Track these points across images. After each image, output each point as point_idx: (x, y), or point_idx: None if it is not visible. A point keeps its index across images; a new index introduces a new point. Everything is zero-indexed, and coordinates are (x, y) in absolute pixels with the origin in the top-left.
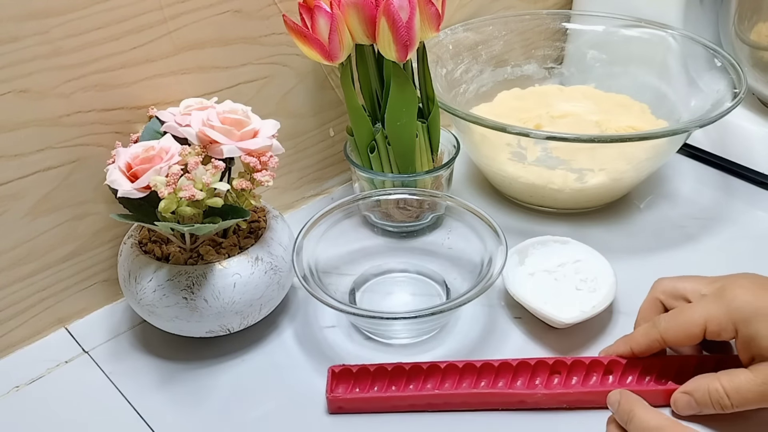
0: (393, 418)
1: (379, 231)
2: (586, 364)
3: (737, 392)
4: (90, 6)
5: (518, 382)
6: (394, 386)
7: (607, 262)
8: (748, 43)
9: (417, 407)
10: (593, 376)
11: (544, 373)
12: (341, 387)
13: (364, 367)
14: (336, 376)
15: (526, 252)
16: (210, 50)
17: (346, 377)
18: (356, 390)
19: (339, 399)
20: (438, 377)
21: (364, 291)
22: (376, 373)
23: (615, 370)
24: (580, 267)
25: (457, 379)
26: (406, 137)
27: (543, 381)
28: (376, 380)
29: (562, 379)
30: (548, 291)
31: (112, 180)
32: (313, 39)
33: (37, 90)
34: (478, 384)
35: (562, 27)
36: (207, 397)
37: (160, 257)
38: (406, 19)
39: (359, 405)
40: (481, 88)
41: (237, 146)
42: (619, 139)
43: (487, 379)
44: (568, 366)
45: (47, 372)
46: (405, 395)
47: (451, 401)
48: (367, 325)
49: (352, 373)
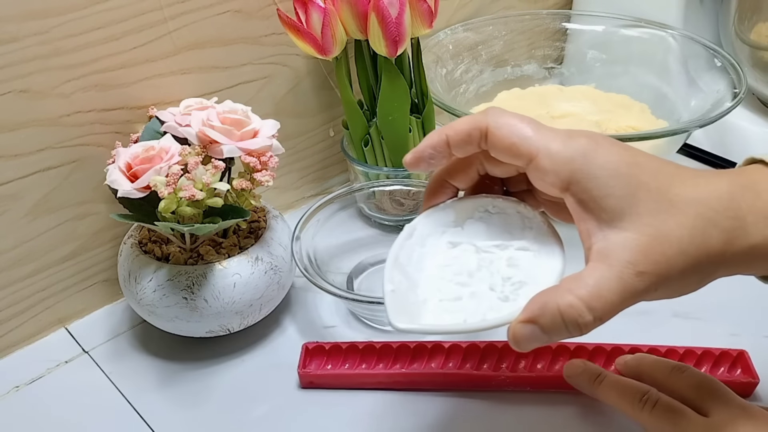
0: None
1: (375, 223)
2: (552, 348)
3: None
4: (90, 6)
5: (485, 364)
6: (364, 364)
7: (558, 269)
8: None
9: (384, 385)
10: (559, 360)
11: (510, 356)
12: (314, 363)
13: (337, 345)
14: (309, 352)
15: (473, 212)
16: (210, 50)
17: (319, 354)
18: (328, 366)
19: (310, 375)
20: (407, 357)
21: (362, 280)
22: (347, 350)
23: (580, 355)
24: (520, 259)
25: (425, 359)
26: (398, 132)
27: (509, 364)
28: (348, 357)
29: (527, 363)
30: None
31: (112, 180)
32: (306, 33)
33: (37, 90)
34: (446, 365)
35: (562, 27)
36: (207, 397)
37: (160, 257)
38: (395, 15)
39: (329, 381)
40: (481, 88)
41: (237, 146)
42: (619, 139)
43: (455, 361)
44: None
45: (47, 372)
46: (374, 373)
47: (417, 380)
48: (365, 312)
49: (325, 350)
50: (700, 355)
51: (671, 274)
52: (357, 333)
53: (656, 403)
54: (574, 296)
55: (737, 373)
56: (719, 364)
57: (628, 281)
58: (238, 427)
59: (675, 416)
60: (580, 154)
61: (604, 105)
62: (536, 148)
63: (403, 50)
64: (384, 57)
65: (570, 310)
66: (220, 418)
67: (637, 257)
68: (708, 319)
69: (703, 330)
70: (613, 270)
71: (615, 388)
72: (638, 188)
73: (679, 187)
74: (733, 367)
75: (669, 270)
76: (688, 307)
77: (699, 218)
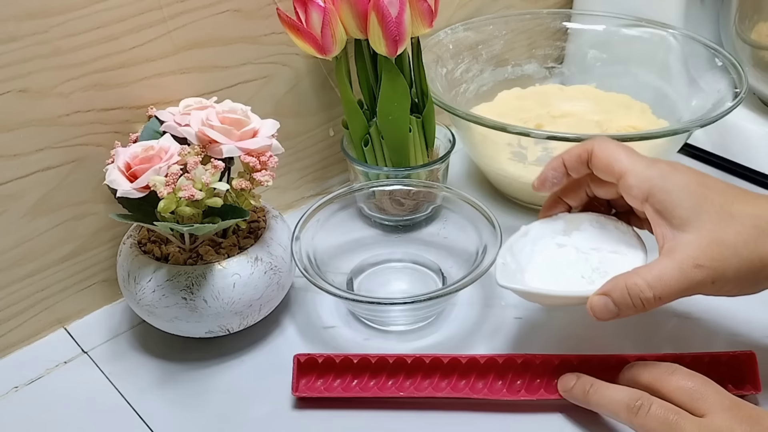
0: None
1: (375, 223)
2: (555, 364)
3: (660, 280)
4: (89, 5)
5: (479, 384)
6: (356, 380)
7: (640, 258)
8: (749, 43)
9: (379, 403)
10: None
11: (507, 374)
12: (306, 380)
13: (330, 358)
14: (301, 366)
15: (579, 225)
16: (210, 50)
17: (310, 369)
18: (319, 383)
19: (303, 399)
20: (402, 373)
21: (362, 280)
22: (341, 365)
23: (583, 370)
24: (609, 259)
25: (422, 375)
26: (398, 131)
27: (504, 384)
28: (341, 374)
29: (525, 381)
30: (553, 263)
31: (112, 180)
32: (306, 33)
33: (36, 90)
34: (440, 384)
35: (563, 26)
36: (206, 397)
37: (160, 257)
38: (395, 15)
39: (323, 403)
40: (482, 87)
41: (236, 146)
42: (620, 139)
43: (453, 378)
44: (537, 364)
45: (46, 372)
46: (368, 395)
47: (413, 398)
48: (365, 312)
49: (318, 363)
50: (708, 362)
51: (726, 272)
52: (357, 333)
53: (650, 408)
54: (640, 277)
55: (744, 387)
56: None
57: (687, 271)
58: (237, 427)
59: (669, 419)
60: (659, 174)
61: (604, 105)
62: (626, 168)
63: (403, 50)
64: (384, 56)
65: (635, 287)
66: (219, 418)
67: (696, 253)
68: (708, 319)
69: (704, 331)
70: (675, 262)
71: (607, 396)
72: (704, 202)
73: (740, 205)
74: (739, 378)
75: (724, 267)
76: (688, 306)
77: (754, 228)
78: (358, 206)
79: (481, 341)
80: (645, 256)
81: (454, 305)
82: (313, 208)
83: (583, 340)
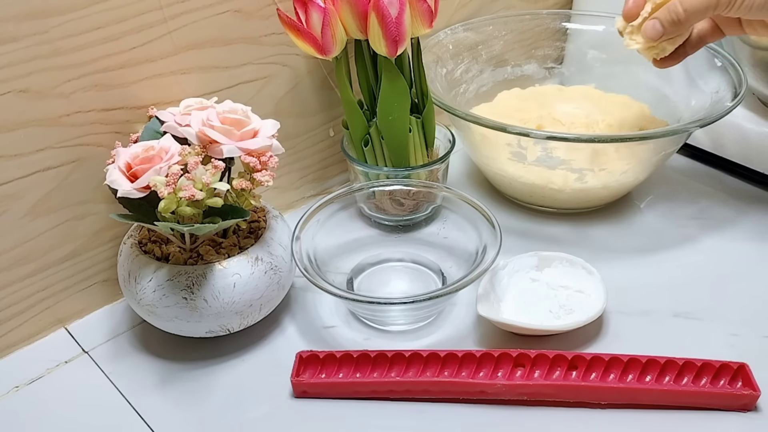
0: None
1: (375, 223)
2: (549, 358)
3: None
4: (89, 6)
5: (481, 372)
6: (359, 373)
7: (599, 307)
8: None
9: (379, 393)
10: (557, 370)
11: (507, 365)
12: (308, 372)
13: (331, 354)
14: (303, 361)
15: (551, 263)
16: (210, 50)
17: (312, 363)
18: (322, 375)
19: (303, 383)
20: (403, 365)
21: (362, 280)
22: (342, 359)
23: (579, 365)
24: (575, 297)
25: (421, 368)
26: (398, 131)
27: (505, 373)
28: (342, 366)
29: (525, 372)
30: (527, 297)
31: (112, 180)
32: (306, 33)
33: (36, 90)
34: (441, 373)
35: (563, 27)
36: (207, 397)
37: (160, 257)
38: (395, 15)
39: (323, 390)
40: (481, 88)
41: (237, 146)
42: (620, 139)
43: (450, 369)
44: (531, 359)
45: (47, 372)
46: (368, 381)
47: (412, 389)
48: (365, 312)
49: (319, 358)
50: (699, 366)
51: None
52: (357, 333)
53: None
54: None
55: (738, 385)
56: (719, 376)
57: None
58: (237, 427)
59: None
60: None
61: (604, 105)
62: None
63: (403, 50)
64: (384, 57)
65: (672, 5)
66: (219, 418)
67: None
68: (708, 319)
69: (703, 330)
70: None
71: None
72: None
73: None
74: (733, 380)
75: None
76: (688, 306)
77: None
78: (358, 206)
79: (481, 341)
80: (605, 297)
81: (454, 305)
82: (314, 208)
83: (580, 339)
